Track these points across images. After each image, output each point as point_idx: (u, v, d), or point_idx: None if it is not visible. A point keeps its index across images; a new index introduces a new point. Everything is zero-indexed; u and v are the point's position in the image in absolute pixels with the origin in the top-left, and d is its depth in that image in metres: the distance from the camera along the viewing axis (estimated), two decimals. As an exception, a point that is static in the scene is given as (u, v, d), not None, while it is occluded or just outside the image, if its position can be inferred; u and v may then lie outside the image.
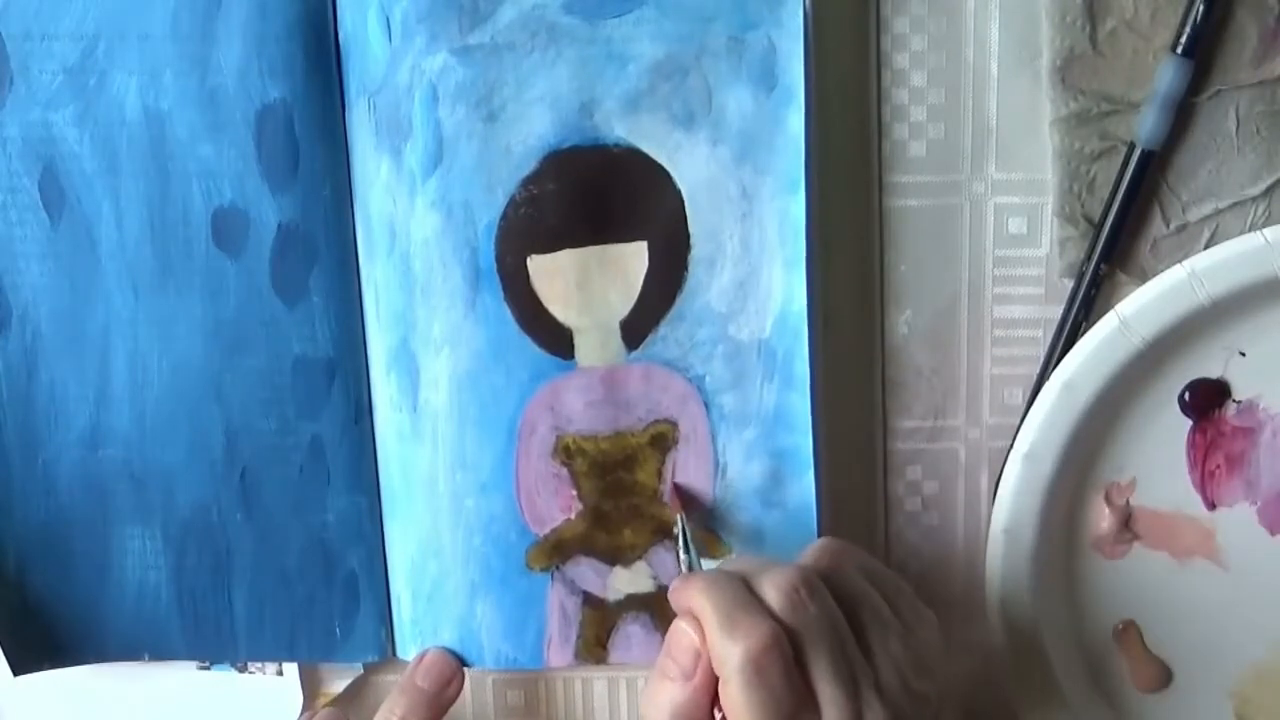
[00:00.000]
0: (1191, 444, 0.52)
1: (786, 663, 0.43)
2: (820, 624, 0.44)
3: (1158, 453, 0.52)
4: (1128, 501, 0.53)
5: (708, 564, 0.52)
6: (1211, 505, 0.53)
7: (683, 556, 0.50)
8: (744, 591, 0.45)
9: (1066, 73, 0.50)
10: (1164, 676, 0.54)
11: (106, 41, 0.51)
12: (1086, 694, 0.54)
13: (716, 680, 0.45)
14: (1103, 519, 0.53)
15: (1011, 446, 0.52)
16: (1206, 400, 0.51)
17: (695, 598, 0.45)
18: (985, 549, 0.54)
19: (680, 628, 0.46)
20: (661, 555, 0.53)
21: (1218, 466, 0.52)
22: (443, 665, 0.54)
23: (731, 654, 0.43)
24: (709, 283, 0.51)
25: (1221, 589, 0.53)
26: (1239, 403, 0.52)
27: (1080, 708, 0.53)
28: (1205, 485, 0.52)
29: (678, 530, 0.51)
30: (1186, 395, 0.51)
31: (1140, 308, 0.50)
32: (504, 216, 0.51)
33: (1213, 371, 0.51)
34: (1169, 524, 0.53)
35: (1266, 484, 0.52)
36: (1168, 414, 0.52)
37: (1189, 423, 0.52)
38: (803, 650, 0.43)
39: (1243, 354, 0.51)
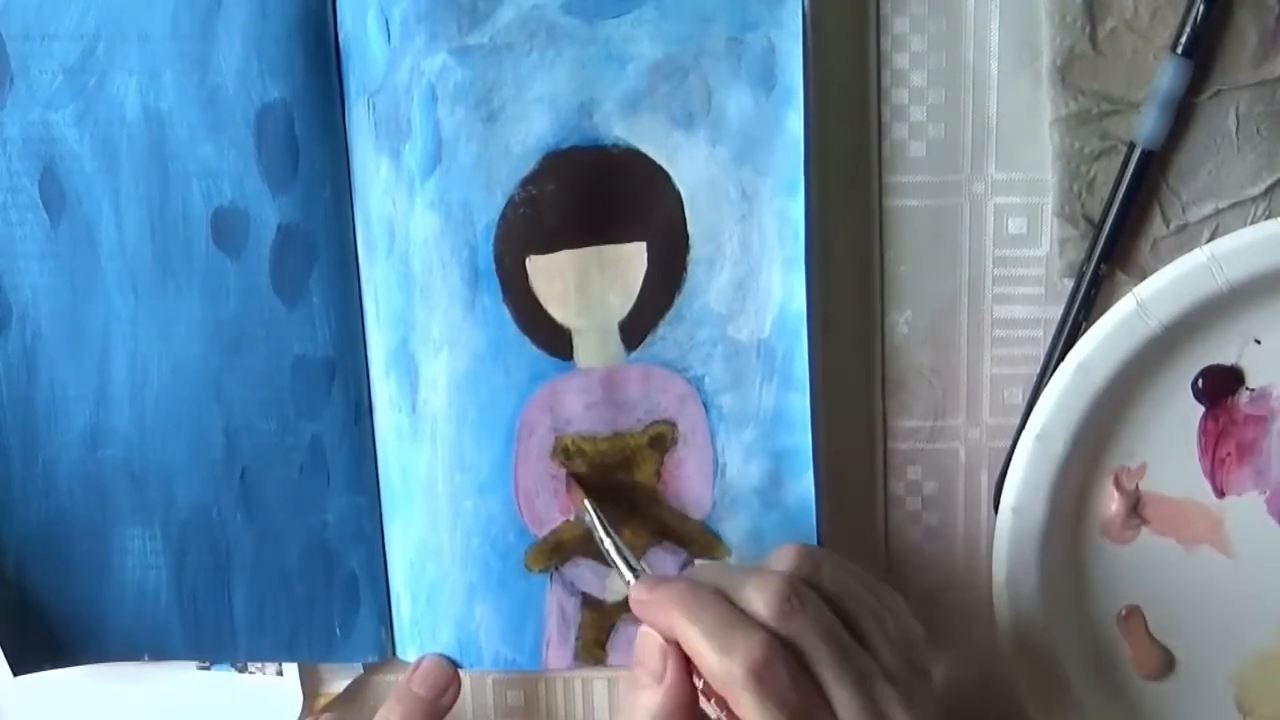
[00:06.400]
0: (1203, 431, 0.52)
1: (790, 669, 0.43)
2: (817, 627, 0.44)
3: (1169, 438, 0.52)
4: (1137, 486, 0.53)
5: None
6: (1221, 493, 0.52)
7: (611, 553, 0.49)
8: (727, 606, 0.44)
9: (1066, 73, 0.50)
10: (1167, 663, 0.54)
11: (106, 41, 0.51)
12: (1088, 679, 0.54)
13: (690, 677, 0.45)
14: (1111, 503, 0.53)
15: (1018, 435, 0.52)
16: (1219, 387, 0.51)
17: (677, 620, 0.44)
18: (985, 549, 0.54)
19: (645, 633, 0.46)
20: (661, 556, 0.53)
21: (1228, 454, 0.52)
22: (439, 672, 0.54)
23: (733, 671, 0.42)
24: (708, 283, 0.51)
25: (1227, 577, 0.53)
26: (1252, 390, 0.52)
27: (1082, 692, 0.53)
28: (1215, 473, 0.52)
29: (590, 520, 0.50)
30: (1200, 381, 0.51)
31: (1158, 291, 0.49)
32: (503, 217, 0.51)
33: (1227, 358, 0.51)
34: (1177, 510, 0.53)
35: (1276, 473, 0.52)
36: (1180, 399, 0.52)
37: (1201, 409, 0.52)
38: (805, 657, 0.43)
39: (1258, 341, 0.51)
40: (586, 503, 0.51)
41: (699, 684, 0.45)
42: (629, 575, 0.49)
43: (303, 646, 0.56)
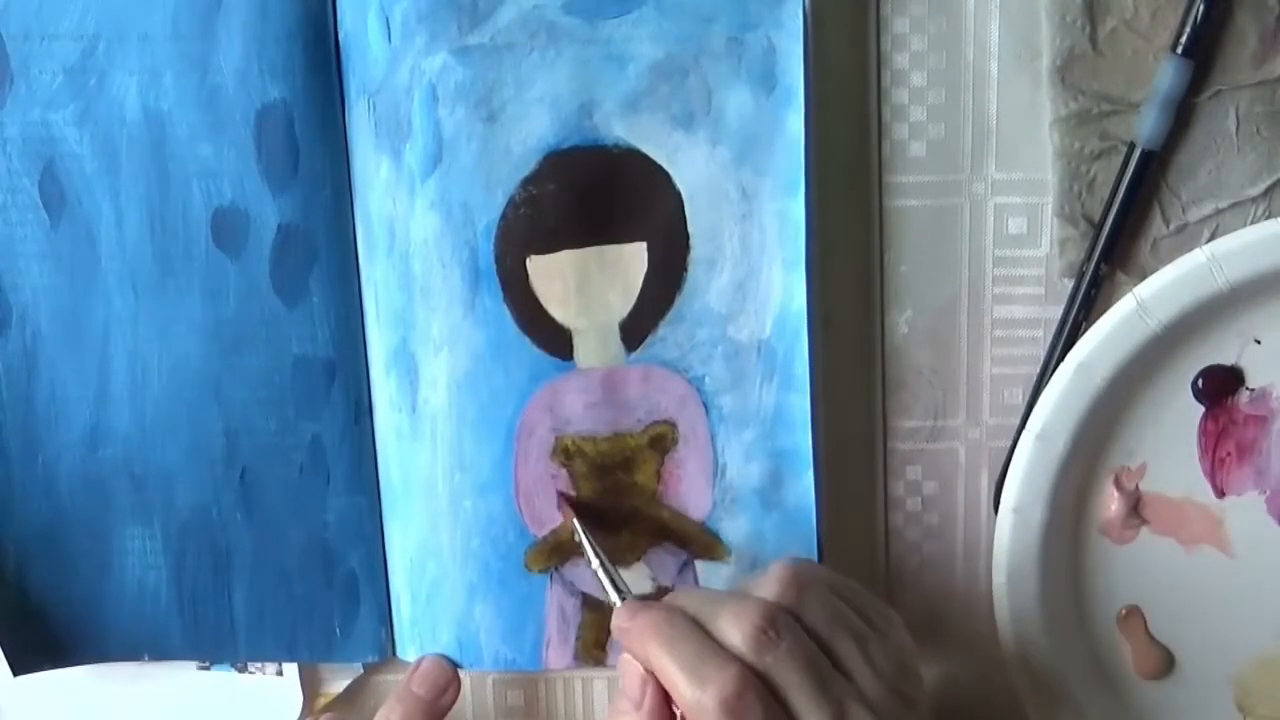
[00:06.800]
0: (1203, 431, 0.52)
1: (764, 702, 0.42)
2: (793, 658, 0.43)
3: (1169, 438, 0.52)
4: (1137, 486, 0.53)
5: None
6: (1220, 493, 0.52)
7: (600, 576, 0.49)
8: (702, 637, 0.44)
9: (1066, 73, 0.50)
10: (1166, 663, 0.54)
11: (106, 41, 0.51)
12: (1088, 679, 0.54)
13: (668, 706, 0.45)
14: (1111, 503, 0.53)
15: (1018, 435, 0.52)
16: (1219, 387, 0.51)
17: (651, 650, 0.44)
18: (985, 549, 0.54)
19: (626, 660, 0.46)
20: (661, 557, 0.53)
21: (1228, 454, 0.52)
22: (439, 672, 0.54)
23: (705, 704, 0.42)
24: (708, 283, 0.51)
25: (1227, 577, 0.53)
26: (1252, 390, 0.52)
27: (1081, 693, 0.53)
28: (1215, 473, 0.52)
29: (579, 540, 0.51)
30: (1200, 381, 0.51)
31: (1158, 290, 0.49)
32: (503, 217, 0.51)
33: (1227, 358, 0.51)
34: (1177, 510, 0.53)
35: (1276, 473, 0.52)
36: (1180, 399, 0.52)
37: (1201, 409, 0.52)
38: (779, 687, 0.43)
39: (1258, 341, 0.51)
40: (576, 523, 0.51)
41: (678, 713, 0.45)
42: (615, 599, 0.48)
43: (303, 646, 0.56)
